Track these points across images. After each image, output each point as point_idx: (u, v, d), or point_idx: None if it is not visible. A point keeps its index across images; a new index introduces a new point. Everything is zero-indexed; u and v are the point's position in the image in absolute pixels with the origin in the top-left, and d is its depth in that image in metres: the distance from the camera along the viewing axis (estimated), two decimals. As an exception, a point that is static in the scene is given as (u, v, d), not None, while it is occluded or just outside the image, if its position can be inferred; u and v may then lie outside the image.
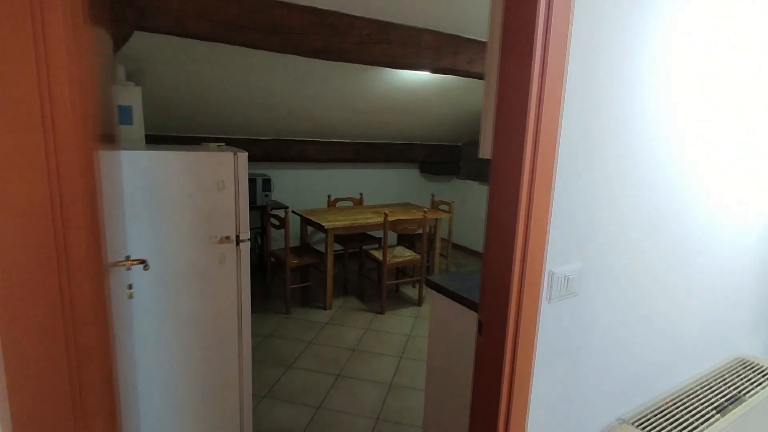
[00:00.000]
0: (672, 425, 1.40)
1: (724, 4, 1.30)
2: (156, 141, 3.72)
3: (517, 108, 1.00)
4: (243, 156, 1.83)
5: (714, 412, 1.48)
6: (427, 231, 4.14)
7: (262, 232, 4.52)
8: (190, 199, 1.74)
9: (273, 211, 4.21)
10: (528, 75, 0.97)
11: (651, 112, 1.22)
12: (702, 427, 1.40)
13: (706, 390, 1.61)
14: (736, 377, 1.70)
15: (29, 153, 0.51)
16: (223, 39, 2.23)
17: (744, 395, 1.58)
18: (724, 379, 1.68)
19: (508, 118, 1.03)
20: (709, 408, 1.50)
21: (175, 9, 2.06)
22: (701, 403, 1.52)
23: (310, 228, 4.46)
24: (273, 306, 3.82)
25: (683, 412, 1.47)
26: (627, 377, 1.45)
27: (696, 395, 1.57)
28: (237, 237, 1.86)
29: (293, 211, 4.10)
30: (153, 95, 3.24)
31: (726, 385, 1.64)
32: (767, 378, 1.69)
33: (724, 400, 1.55)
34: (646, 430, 1.38)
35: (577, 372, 1.29)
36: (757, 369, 1.76)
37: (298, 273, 4.45)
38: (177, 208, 1.72)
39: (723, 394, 1.58)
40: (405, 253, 3.92)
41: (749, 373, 1.73)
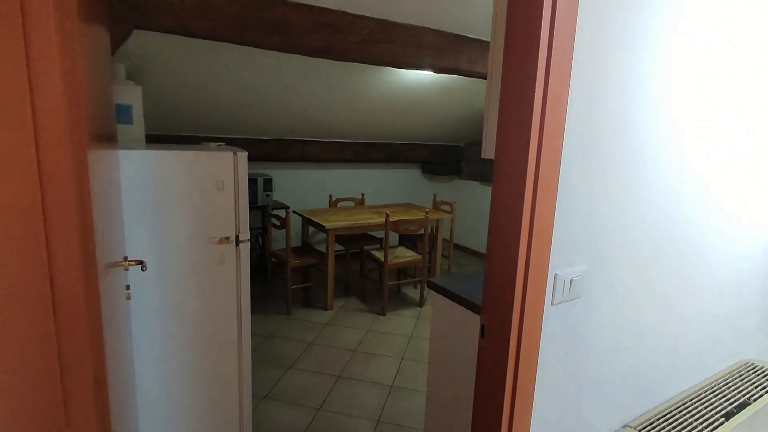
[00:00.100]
0: None
1: (724, 4, 1.28)
2: (157, 141, 3.71)
3: (522, 108, 0.98)
4: (243, 156, 1.81)
5: (722, 417, 1.45)
6: (429, 231, 4.12)
7: (263, 232, 4.50)
8: (189, 199, 1.72)
9: (274, 211, 4.20)
10: (533, 74, 0.94)
11: (652, 113, 1.20)
12: (709, 433, 1.37)
13: (713, 395, 1.58)
14: (743, 382, 1.67)
15: (11, 151, 0.49)
16: (224, 38, 2.22)
17: (752, 400, 1.55)
18: (731, 384, 1.65)
19: (511, 118, 1.01)
20: (717, 413, 1.47)
21: (176, 8, 2.04)
22: (708, 409, 1.49)
23: (311, 228, 4.44)
24: (274, 306, 3.80)
25: (690, 417, 1.44)
26: (632, 382, 1.42)
27: (703, 400, 1.55)
28: (237, 237, 1.84)
29: (294, 211, 4.08)
30: (154, 95, 3.23)
31: (733, 390, 1.61)
32: (775, 382, 1.67)
33: (731, 405, 1.52)
34: (652, 436, 1.36)
35: (582, 377, 1.26)
36: (765, 373, 1.73)
37: (299, 273, 4.44)
38: (176, 208, 1.70)
39: (730, 399, 1.55)
40: (406, 254, 3.90)
41: (757, 378, 1.70)
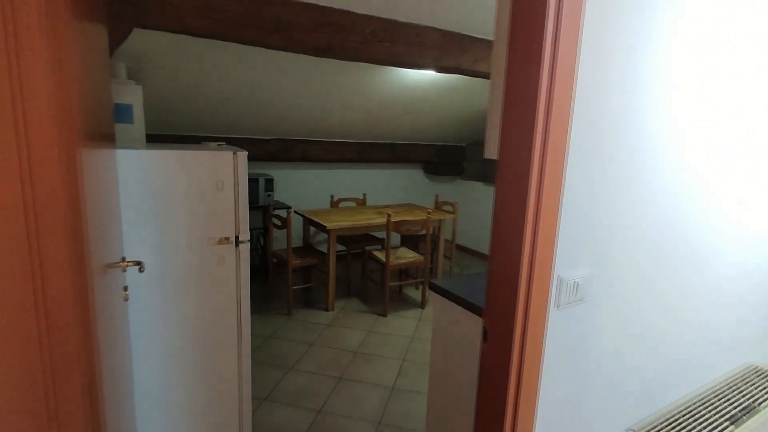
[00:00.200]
0: (684, 436, 1.36)
1: (724, 4, 1.26)
2: (158, 140, 3.70)
3: (526, 108, 0.96)
4: (243, 155, 1.79)
5: (727, 422, 1.42)
6: (431, 232, 4.10)
7: (264, 232, 4.48)
8: (188, 199, 1.70)
9: (275, 211, 4.18)
10: (537, 74, 0.92)
11: (652, 113, 1.18)
12: (715, 439, 1.35)
13: (718, 399, 1.55)
14: (749, 386, 1.64)
15: (-2, 150, 0.47)
16: (224, 37, 2.20)
17: (758, 405, 1.52)
18: (737, 388, 1.63)
19: (515, 118, 0.99)
20: (723, 418, 1.44)
21: (176, 6, 2.03)
22: (714, 414, 1.47)
23: (312, 228, 4.42)
24: (274, 307, 3.78)
25: (695, 422, 1.42)
26: (637, 386, 1.40)
27: (708, 405, 1.52)
28: (236, 238, 1.82)
29: (296, 212, 4.07)
30: (155, 94, 3.22)
31: (739, 394, 1.58)
32: (782, 387, 1.64)
33: (737, 410, 1.49)
34: (656, 441, 1.33)
35: (585, 381, 1.24)
36: (771, 377, 1.71)
37: (300, 274, 4.43)
38: (175, 208, 1.69)
39: (736, 403, 1.53)
40: (408, 255, 3.88)
41: (763, 382, 1.67)
